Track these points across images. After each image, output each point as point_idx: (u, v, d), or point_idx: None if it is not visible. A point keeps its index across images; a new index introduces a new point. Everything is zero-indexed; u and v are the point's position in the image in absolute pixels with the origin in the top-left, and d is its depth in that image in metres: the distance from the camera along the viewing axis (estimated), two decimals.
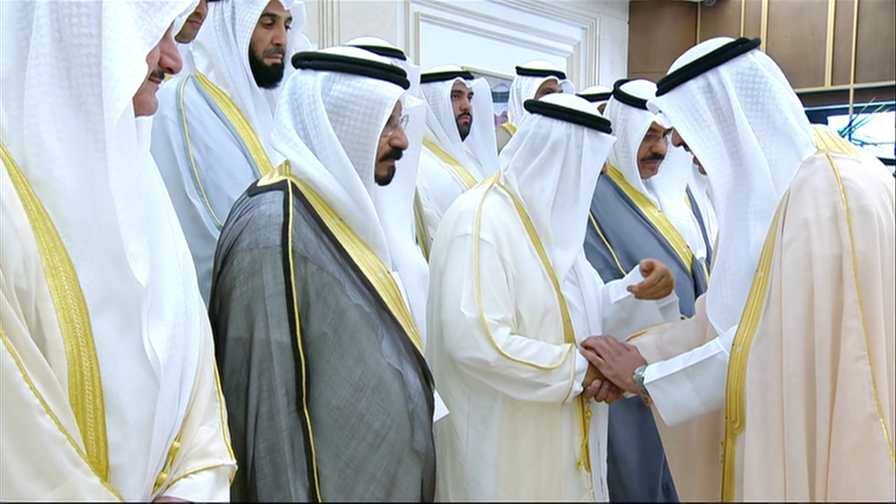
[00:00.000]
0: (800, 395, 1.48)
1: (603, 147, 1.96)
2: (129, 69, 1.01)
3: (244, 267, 1.48)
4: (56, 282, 1.02)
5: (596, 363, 1.96)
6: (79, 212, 1.04)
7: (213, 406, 1.27)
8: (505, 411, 1.96)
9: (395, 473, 1.56)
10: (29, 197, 1.02)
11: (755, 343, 1.58)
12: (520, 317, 1.94)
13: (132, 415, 1.07)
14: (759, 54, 1.69)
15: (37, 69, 1.02)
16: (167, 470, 1.16)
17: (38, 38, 1.02)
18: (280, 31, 2.11)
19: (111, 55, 1.01)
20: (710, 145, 1.68)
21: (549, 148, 1.94)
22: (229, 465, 1.24)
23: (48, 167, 1.03)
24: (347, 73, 1.58)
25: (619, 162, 2.57)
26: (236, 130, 2.09)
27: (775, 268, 1.56)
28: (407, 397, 1.57)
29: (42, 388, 0.97)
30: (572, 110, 1.95)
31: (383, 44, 2.66)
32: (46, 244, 1.02)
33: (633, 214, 2.54)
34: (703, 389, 1.77)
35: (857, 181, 1.50)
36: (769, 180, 1.62)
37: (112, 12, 1.02)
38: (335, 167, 1.57)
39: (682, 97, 1.71)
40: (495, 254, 1.91)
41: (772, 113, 1.64)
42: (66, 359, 1.01)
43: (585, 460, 2.00)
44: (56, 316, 1.01)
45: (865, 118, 6.93)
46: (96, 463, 1.04)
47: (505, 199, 2.00)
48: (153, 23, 1.06)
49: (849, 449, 1.40)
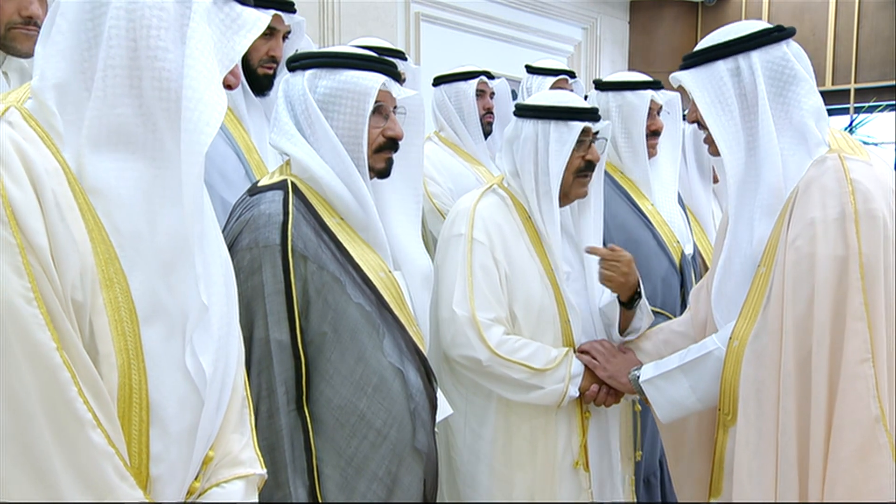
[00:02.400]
0: (795, 393, 1.48)
1: (570, 135, 1.94)
2: (214, 95, 1.00)
3: (244, 266, 1.49)
4: (110, 294, 1.00)
5: (591, 366, 1.96)
6: (133, 222, 1.02)
7: (244, 413, 1.26)
8: (500, 411, 1.97)
9: (397, 472, 1.56)
10: (86, 206, 1.00)
11: (752, 338, 1.58)
12: (514, 316, 1.94)
13: (175, 427, 1.06)
14: (793, 45, 1.65)
15: (104, 81, 1.00)
16: (199, 478, 1.15)
17: (110, 49, 0.99)
18: (277, 43, 2.12)
19: (198, 77, 0.99)
20: (729, 130, 1.65)
21: (522, 146, 1.97)
22: (259, 475, 1.23)
23: (104, 176, 1.01)
24: (331, 68, 1.60)
25: (620, 151, 2.57)
26: (228, 131, 2.10)
27: (778, 265, 1.55)
28: (408, 396, 1.57)
29: (94, 402, 0.96)
30: (537, 107, 1.98)
31: (384, 44, 2.67)
32: (102, 255, 1.00)
33: (629, 206, 2.55)
34: (699, 386, 1.77)
35: (867, 184, 1.49)
36: (779, 175, 1.60)
37: (196, 32, 1.00)
38: (334, 161, 1.58)
39: (708, 76, 1.67)
40: (488, 253, 1.92)
41: (792, 107, 1.61)
42: (118, 372, 1.00)
43: (584, 460, 2.00)
44: (109, 328, 1.00)
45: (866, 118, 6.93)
46: (136, 473, 1.03)
47: (503, 200, 2.01)
48: (232, 46, 1.05)
49: (852, 451, 1.40)
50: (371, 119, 1.61)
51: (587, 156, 1.98)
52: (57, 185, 0.97)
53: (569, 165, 1.96)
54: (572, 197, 2.03)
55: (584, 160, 1.98)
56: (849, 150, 1.58)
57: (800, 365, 1.48)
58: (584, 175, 2.00)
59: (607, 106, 2.56)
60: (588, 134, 1.98)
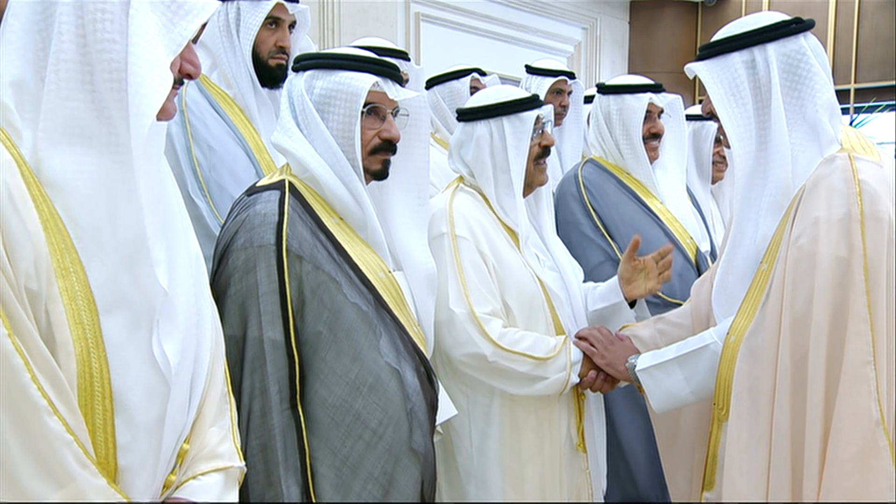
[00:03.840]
0: (790, 391, 1.48)
1: (524, 126, 1.97)
2: (157, 77, 1.01)
3: (238, 265, 1.50)
4: (66, 283, 1.01)
5: (589, 353, 1.97)
6: (92, 215, 1.04)
7: (224, 408, 1.27)
8: (504, 406, 1.97)
9: (393, 473, 1.56)
10: (41, 198, 1.02)
11: (749, 335, 1.58)
12: (508, 308, 1.95)
13: (142, 417, 1.07)
14: (811, 38, 1.61)
15: (57, 74, 1.02)
16: (176, 472, 1.16)
17: (60, 44, 1.02)
18: (284, 34, 2.13)
19: (139, 62, 1.01)
20: (742, 122, 1.62)
21: (476, 148, 1.99)
22: (238, 467, 1.24)
23: (62, 170, 1.03)
24: (326, 69, 1.62)
25: (622, 153, 2.59)
26: (239, 130, 2.11)
27: (780, 262, 1.54)
28: (405, 397, 1.57)
29: (51, 390, 0.97)
30: (485, 107, 2.00)
31: (385, 44, 2.66)
32: (58, 245, 1.01)
33: (638, 205, 2.56)
34: (693, 379, 1.77)
35: (875, 185, 1.47)
36: (788, 171, 1.58)
37: (138, 20, 1.02)
38: (331, 161, 1.59)
39: (723, 68, 1.64)
40: (474, 248, 1.92)
41: (806, 102, 1.59)
42: (76, 360, 1.01)
43: (582, 443, 2.03)
44: (66, 317, 1.01)
45: (866, 118, 6.94)
46: (105, 464, 1.04)
47: (473, 196, 2.03)
48: (178, 31, 1.06)
49: (852, 454, 1.40)
50: (366, 120, 1.62)
51: (542, 142, 2.03)
52: (10, 177, 0.99)
53: (528, 155, 2.00)
54: (535, 185, 2.07)
55: (540, 146, 2.03)
56: (860, 150, 1.56)
57: (796, 364, 1.48)
58: (541, 161, 2.05)
59: (608, 109, 2.60)
60: (539, 121, 2.02)
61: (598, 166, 2.65)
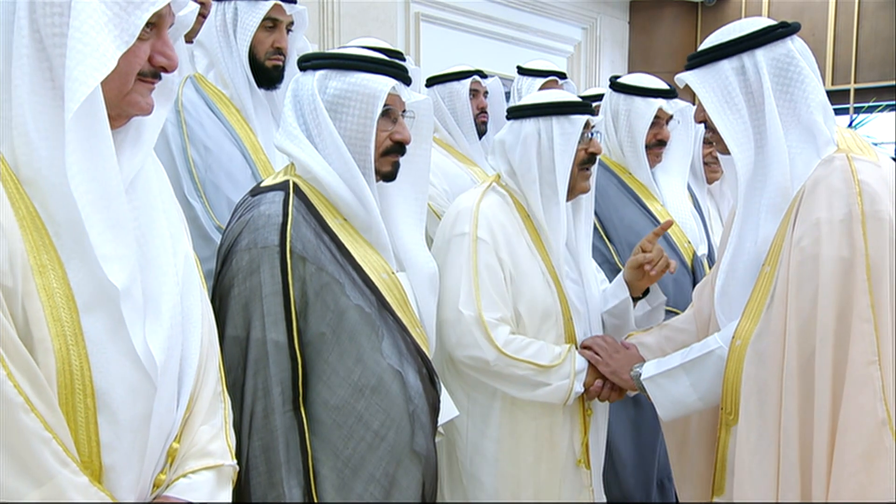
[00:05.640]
0: (797, 393, 1.48)
1: (573, 128, 1.95)
2: (87, 68, 1.00)
3: (242, 266, 1.49)
4: (44, 280, 1.01)
5: (594, 361, 1.96)
6: (68, 211, 1.03)
7: (216, 406, 1.26)
8: (504, 409, 1.96)
9: (395, 474, 1.56)
10: (18, 195, 1.01)
11: (755, 338, 1.58)
12: (519, 316, 1.94)
13: (125, 415, 1.06)
14: (797, 41, 1.63)
15: (20, 70, 1.02)
16: (166, 471, 1.15)
17: (20, 39, 1.02)
18: (281, 34, 2.12)
19: (72, 55, 1.00)
20: (738, 129, 1.63)
21: (522, 146, 1.96)
22: (230, 466, 1.23)
23: (37, 166, 1.02)
24: (342, 70, 1.60)
25: (625, 153, 2.58)
26: (235, 131, 2.10)
27: (782, 264, 1.54)
28: (407, 398, 1.57)
29: (28, 387, 0.96)
30: (536, 105, 1.98)
31: (384, 44, 2.66)
32: (35, 242, 1.01)
33: (638, 208, 2.54)
34: (700, 385, 1.76)
35: (875, 185, 1.48)
36: (787, 173, 1.58)
37: (79, 13, 1.01)
38: (337, 163, 1.58)
39: (713, 76, 1.65)
40: (492, 252, 1.91)
41: (799, 104, 1.60)
42: (55, 357, 1.00)
43: (586, 458, 2.01)
44: (44, 314, 1.00)
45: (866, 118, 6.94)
46: (88, 462, 1.03)
47: (504, 199, 2.01)
48: (130, 21, 1.05)
49: (858, 454, 1.40)
50: (379, 122, 1.61)
51: (589, 148, 2.00)
52: None
53: (574, 159, 1.97)
54: (577, 191, 2.03)
55: (586, 152, 2.00)
56: (857, 150, 1.56)
57: (802, 366, 1.48)
58: (587, 168, 2.02)
59: (617, 108, 2.57)
60: (588, 127, 1.99)
61: (602, 165, 2.64)
